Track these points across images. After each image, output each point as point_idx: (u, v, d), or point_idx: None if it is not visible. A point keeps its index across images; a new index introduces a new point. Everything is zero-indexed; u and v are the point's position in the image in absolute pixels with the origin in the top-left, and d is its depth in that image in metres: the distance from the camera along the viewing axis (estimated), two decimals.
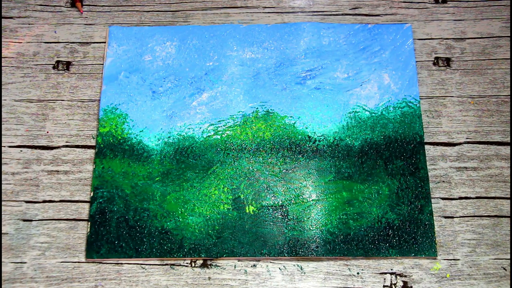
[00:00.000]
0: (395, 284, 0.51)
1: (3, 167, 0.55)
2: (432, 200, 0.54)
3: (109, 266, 0.52)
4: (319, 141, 0.56)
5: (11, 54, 0.61)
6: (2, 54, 0.61)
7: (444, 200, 0.54)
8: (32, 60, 0.61)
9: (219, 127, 0.57)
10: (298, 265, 0.52)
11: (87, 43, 0.62)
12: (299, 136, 0.56)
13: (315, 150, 0.56)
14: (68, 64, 0.60)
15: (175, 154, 0.55)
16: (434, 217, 0.53)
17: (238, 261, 0.52)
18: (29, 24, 0.63)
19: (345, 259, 0.52)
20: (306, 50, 0.60)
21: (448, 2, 0.64)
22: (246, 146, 0.56)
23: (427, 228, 0.52)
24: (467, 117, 0.58)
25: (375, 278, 0.51)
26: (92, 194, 0.53)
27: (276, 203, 0.53)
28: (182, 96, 0.58)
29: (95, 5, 0.64)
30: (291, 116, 0.57)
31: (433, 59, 0.61)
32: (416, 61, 0.60)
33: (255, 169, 0.55)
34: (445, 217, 0.54)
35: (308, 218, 0.53)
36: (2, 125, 0.57)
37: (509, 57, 0.61)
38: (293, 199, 0.54)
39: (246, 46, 0.60)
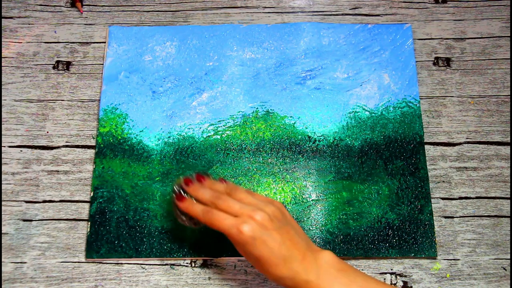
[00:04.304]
0: (395, 284, 0.51)
1: (3, 167, 0.55)
2: (432, 200, 0.54)
3: (109, 266, 0.52)
4: (319, 141, 0.56)
5: (11, 54, 0.61)
6: (2, 54, 0.61)
7: (444, 200, 0.54)
8: (32, 60, 0.61)
9: (219, 127, 0.57)
10: None
11: (87, 43, 0.62)
12: (299, 136, 0.56)
13: (315, 150, 0.56)
14: (68, 64, 0.60)
15: (175, 154, 0.55)
16: (434, 217, 0.53)
17: (238, 261, 0.52)
18: (29, 24, 0.63)
19: (345, 259, 0.52)
20: (306, 50, 0.60)
21: (448, 2, 0.64)
22: (246, 146, 0.56)
23: (427, 228, 0.52)
24: (467, 117, 0.58)
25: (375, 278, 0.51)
26: (92, 194, 0.53)
27: None
28: (182, 96, 0.58)
29: (95, 5, 0.64)
30: (291, 116, 0.57)
31: (433, 59, 0.61)
32: (416, 61, 0.60)
33: (255, 169, 0.55)
34: (445, 217, 0.54)
35: (308, 218, 0.53)
36: (2, 125, 0.57)
37: (509, 57, 0.61)
38: (292, 199, 0.54)
39: (246, 46, 0.60)
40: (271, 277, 0.42)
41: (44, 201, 0.54)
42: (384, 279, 0.51)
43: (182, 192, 0.47)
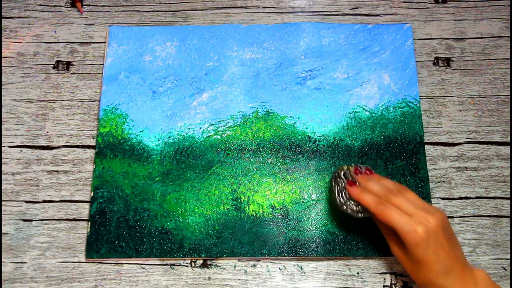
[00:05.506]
0: (395, 284, 0.51)
1: (3, 167, 0.55)
2: (432, 200, 0.54)
3: (109, 266, 0.52)
4: (319, 141, 0.56)
5: (11, 54, 0.61)
6: (2, 54, 0.61)
7: (444, 200, 0.54)
8: (32, 60, 0.61)
9: (219, 127, 0.57)
10: (298, 265, 0.52)
11: (87, 43, 0.62)
12: (299, 136, 0.56)
13: (315, 150, 0.56)
14: (68, 64, 0.60)
15: (175, 154, 0.55)
16: None
17: (238, 261, 0.52)
18: (29, 24, 0.63)
19: (345, 259, 0.52)
20: (306, 50, 0.60)
21: (448, 2, 0.64)
22: (246, 146, 0.56)
23: None
24: (467, 117, 0.58)
25: (375, 278, 0.51)
26: (92, 194, 0.53)
27: (277, 203, 0.53)
28: (182, 96, 0.58)
29: (95, 5, 0.64)
30: (291, 116, 0.57)
31: (433, 59, 0.61)
32: (416, 61, 0.60)
33: (255, 169, 0.55)
34: None
35: (308, 218, 0.53)
36: (2, 125, 0.57)
37: (509, 57, 0.61)
38: (292, 199, 0.54)
39: (246, 46, 0.60)
40: (424, 282, 0.43)
41: (44, 201, 0.54)
42: (384, 279, 0.51)
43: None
